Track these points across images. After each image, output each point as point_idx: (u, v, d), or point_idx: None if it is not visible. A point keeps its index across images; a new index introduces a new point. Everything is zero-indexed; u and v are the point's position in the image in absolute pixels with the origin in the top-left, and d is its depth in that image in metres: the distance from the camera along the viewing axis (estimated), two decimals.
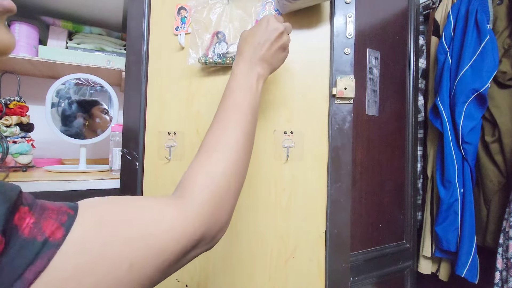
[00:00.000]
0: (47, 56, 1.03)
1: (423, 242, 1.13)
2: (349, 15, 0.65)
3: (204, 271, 0.67)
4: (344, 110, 0.65)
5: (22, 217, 0.22)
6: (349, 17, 0.65)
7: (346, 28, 0.65)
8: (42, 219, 0.23)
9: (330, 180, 0.65)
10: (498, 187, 0.99)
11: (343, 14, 0.65)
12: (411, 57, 1.10)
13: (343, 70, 0.65)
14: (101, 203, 0.28)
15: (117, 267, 0.25)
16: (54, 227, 0.23)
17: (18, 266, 0.20)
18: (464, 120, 0.99)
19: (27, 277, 0.20)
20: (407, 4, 1.09)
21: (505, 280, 0.87)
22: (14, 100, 0.97)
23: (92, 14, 1.15)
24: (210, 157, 0.38)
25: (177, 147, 0.68)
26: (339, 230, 0.65)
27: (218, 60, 0.65)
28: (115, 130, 0.94)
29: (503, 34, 1.00)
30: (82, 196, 0.28)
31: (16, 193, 0.22)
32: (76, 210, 0.25)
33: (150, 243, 0.27)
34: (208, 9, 0.67)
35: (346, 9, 0.65)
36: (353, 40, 0.65)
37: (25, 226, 0.22)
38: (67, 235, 0.23)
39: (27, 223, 0.22)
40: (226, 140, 0.39)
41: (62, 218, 0.23)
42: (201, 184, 0.35)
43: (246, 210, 0.67)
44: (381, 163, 1.00)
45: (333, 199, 0.65)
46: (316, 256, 0.66)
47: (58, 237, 0.22)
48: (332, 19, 0.66)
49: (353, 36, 0.65)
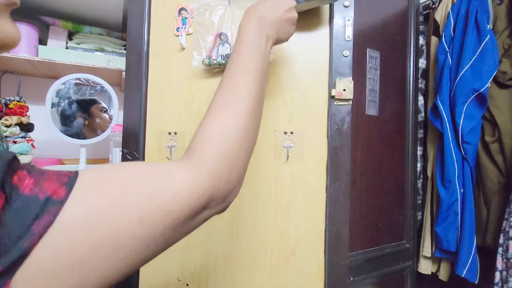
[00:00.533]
0: (47, 56, 1.03)
1: (423, 242, 1.13)
2: (348, 18, 0.66)
3: (205, 271, 0.68)
4: (343, 111, 0.66)
5: (21, 178, 0.22)
6: (347, 20, 0.66)
7: (345, 31, 0.66)
8: (42, 180, 0.22)
9: (329, 179, 0.66)
10: (498, 187, 0.99)
11: (342, 17, 0.66)
12: (411, 57, 1.10)
13: (342, 72, 0.66)
14: (102, 166, 0.27)
15: (128, 219, 0.24)
16: (56, 187, 0.22)
17: (24, 220, 0.20)
18: (464, 120, 0.99)
19: (36, 230, 0.20)
20: (407, 4, 1.09)
21: (505, 280, 0.87)
22: (14, 100, 0.97)
23: (92, 14, 1.15)
24: (222, 109, 0.36)
25: (178, 147, 0.68)
26: (338, 228, 0.66)
27: (222, 61, 0.65)
28: (115, 130, 0.94)
29: (503, 34, 1.00)
30: None
31: (12, 155, 0.22)
32: (77, 173, 0.24)
33: (158, 202, 0.26)
34: (210, 10, 0.67)
35: (345, 13, 0.66)
36: (352, 42, 0.66)
37: (25, 186, 0.21)
38: (70, 192, 0.22)
39: (26, 184, 0.21)
40: (239, 91, 0.38)
41: (63, 180, 0.23)
42: (213, 140, 0.33)
43: (247, 209, 0.68)
44: (381, 163, 1.00)
45: (332, 198, 0.66)
46: (315, 254, 0.66)
47: (61, 195, 0.22)
48: (331, 22, 0.67)
49: (352, 39, 0.66)
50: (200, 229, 0.69)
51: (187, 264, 0.68)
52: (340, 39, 0.66)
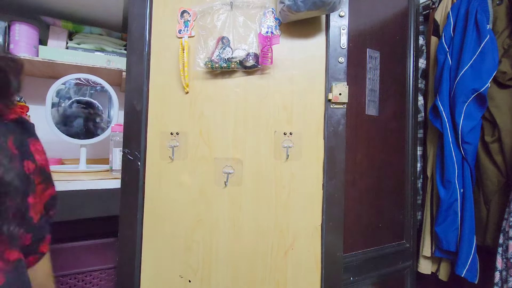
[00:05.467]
0: (47, 56, 1.03)
1: (423, 242, 1.13)
2: (343, 28, 0.71)
3: (206, 266, 0.70)
4: (339, 113, 0.71)
5: None
6: (343, 30, 0.71)
7: (341, 39, 0.71)
8: None
9: (326, 177, 0.71)
10: (498, 187, 0.99)
11: (337, 26, 0.71)
12: (411, 57, 1.10)
13: (338, 77, 0.71)
14: None
15: None
16: None
17: None
18: (464, 120, 0.99)
19: None
20: (407, 4, 1.09)
21: (505, 280, 0.88)
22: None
23: (92, 14, 1.15)
24: None
25: (180, 147, 0.70)
26: (334, 223, 0.71)
27: (223, 64, 0.68)
28: (115, 130, 0.94)
29: (503, 34, 1.00)
30: (82, 196, 0.28)
31: None
32: None
33: None
34: (212, 14, 0.69)
35: (340, 22, 0.71)
36: (347, 50, 0.71)
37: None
38: None
39: None
40: None
41: None
42: None
43: (248, 206, 0.71)
44: (381, 163, 1.00)
45: (328, 194, 0.71)
46: (313, 247, 0.71)
47: None
48: (327, 30, 0.71)
49: (347, 46, 0.71)
50: (202, 226, 0.71)
51: (189, 261, 0.69)
52: (336, 46, 0.71)
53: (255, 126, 0.70)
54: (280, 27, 0.70)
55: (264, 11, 0.69)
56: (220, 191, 0.70)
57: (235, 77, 0.70)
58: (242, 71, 0.70)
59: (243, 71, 0.70)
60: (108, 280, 0.85)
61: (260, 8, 0.69)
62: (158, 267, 0.69)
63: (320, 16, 0.70)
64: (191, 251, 0.69)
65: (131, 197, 0.68)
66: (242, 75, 0.70)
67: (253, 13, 0.69)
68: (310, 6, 0.61)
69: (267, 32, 0.68)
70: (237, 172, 0.70)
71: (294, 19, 0.67)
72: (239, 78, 0.70)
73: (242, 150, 0.70)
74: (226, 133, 0.70)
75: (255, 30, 0.69)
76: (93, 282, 0.83)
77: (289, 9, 0.62)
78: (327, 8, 0.62)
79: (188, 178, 0.70)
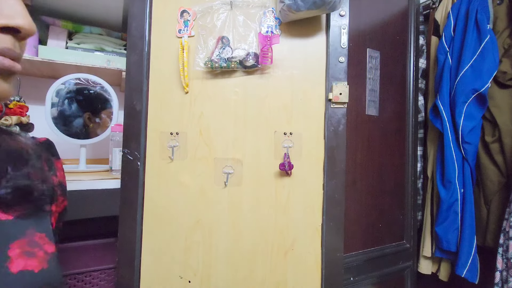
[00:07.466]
0: (47, 56, 1.02)
1: (423, 242, 1.13)
2: (343, 27, 0.70)
3: (206, 267, 0.69)
4: (339, 113, 0.70)
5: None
6: (343, 29, 0.70)
7: (341, 38, 0.70)
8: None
9: (326, 177, 0.70)
10: (498, 187, 0.99)
11: (337, 25, 0.70)
12: (411, 57, 1.10)
13: (338, 77, 0.70)
14: None
15: None
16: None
17: None
18: (464, 120, 0.99)
19: None
20: (407, 4, 1.09)
21: (505, 280, 0.87)
22: (14, 100, 0.96)
23: (92, 14, 1.15)
24: None
25: (180, 147, 0.69)
26: (334, 222, 0.70)
27: (223, 64, 0.67)
28: (115, 130, 0.94)
29: (503, 34, 1.00)
30: (82, 196, 0.28)
31: None
32: None
33: None
34: (212, 14, 0.69)
35: (340, 21, 0.71)
36: (347, 50, 0.71)
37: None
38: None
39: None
40: None
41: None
42: None
43: (248, 206, 0.70)
44: (381, 163, 1.00)
45: (329, 195, 0.70)
46: (313, 247, 0.71)
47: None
48: (328, 30, 0.71)
49: (347, 46, 0.71)
50: (202, 226, 0.70)
51: (189, 261, 0.69)
52: (336, 46, 0.70)
53: (255, 126, 0.70)
54: (280, 27, 0.70)
55: (264, 10, 0.69)
56: (220, 191, 0.70)
57: (235, 77, 0.70)
58: (242, 71, 0.70)
59: (243, 71, 0.70)
60: (108, 281, 0.85)
61: (260, 7, 0.69)
62: (157, 268, 0.69)
63: (320, 16, 0.70)
64: (191, 251, 0.69)
65: (131, 197, 0.68)
66: (242, 75, 0.70)
67: (253, 13, 0.69)
68: (310, 6, 0.61)
69: (267, 32, 0.68)
70: (237, 172, 0.70)
71: (294, 19, 0.66)
72: (239, 78, 0.70)
73: (242, 150, 0.70)
74: (226, 133, 0.70)
75: (255, 30, 0.69)
76: (92, 282, 0.83)
77: (289, 8, 0.61)
78: (327, 7, 0.62)
79: (188, 178, 0.70)
